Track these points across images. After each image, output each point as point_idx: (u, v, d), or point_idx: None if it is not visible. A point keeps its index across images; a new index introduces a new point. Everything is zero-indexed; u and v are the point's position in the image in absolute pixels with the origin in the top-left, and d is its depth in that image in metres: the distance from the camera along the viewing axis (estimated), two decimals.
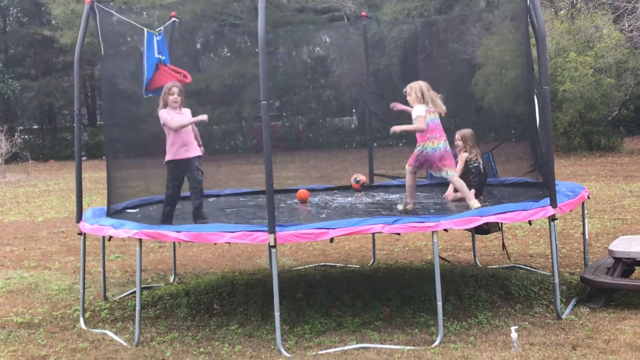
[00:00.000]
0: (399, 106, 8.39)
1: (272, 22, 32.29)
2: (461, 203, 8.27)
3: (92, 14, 8.04)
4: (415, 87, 8.03)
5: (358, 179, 10.25)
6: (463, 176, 8.55)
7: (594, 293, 7.77)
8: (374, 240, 10.61)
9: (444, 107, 8.01)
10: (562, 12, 30.90)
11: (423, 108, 7.84)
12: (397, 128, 7.86)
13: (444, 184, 8.80)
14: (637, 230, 11.66)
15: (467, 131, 9.00)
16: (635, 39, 28.81)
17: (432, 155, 7.88)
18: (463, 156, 8.83)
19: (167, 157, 7.95)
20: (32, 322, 7.99)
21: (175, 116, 7.92)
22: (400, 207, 8.06)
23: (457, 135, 8.98)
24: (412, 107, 8.00)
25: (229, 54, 40.19)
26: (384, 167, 10.66)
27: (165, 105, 8.01)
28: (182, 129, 7.90)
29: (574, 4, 32.57)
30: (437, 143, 7.88)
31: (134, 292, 8.28)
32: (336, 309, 7.80)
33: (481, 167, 8.87)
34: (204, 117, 8.11)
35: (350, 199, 9.52)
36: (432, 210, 8.03)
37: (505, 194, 8.96)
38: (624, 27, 29.01)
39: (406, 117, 8.27)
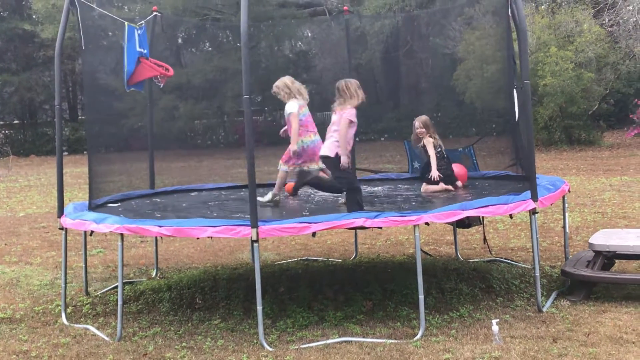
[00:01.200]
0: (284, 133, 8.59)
1: (254, 17, 32.17)
2: (441, 195, 8.33)
3: (72, 8, 7.99)
4: (280, 85, 8.10)
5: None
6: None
7: (575, 286, 7.83)
8: (356, 234, 10.63)
9: (307, 97, 8.11)
10: (542, 6, 30.98)
11: (295, 104, 7.90)
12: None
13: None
14: (617, 224, 11.75)
15: (426, 117, 9.04)
16: (615, 33, 28.97)
17: (313, 149, 7.94)
18: (430, 141, 8.87)
19: (332, 153, 7.61)
20: (13, 318, 7.96)
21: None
22: (265, 198, 8.24)
23: (417, 122, 8.98)
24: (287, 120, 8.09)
25: (210, 49, 40.02)
26: (366, 162, 10.69)
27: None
28: None
29: None
30: (313, 137, 7.98)
31: (116, 287, 8.26)
32: (318, 303, 7.81)
33: (444, 151, 8.95)
34: None
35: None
36: (413, 204, 8.06)
37: (486, 187, 9.01)
38: (604, 22, 29.15)
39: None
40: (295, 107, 7.98)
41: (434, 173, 8.62)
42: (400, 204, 8.09)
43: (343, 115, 7.46)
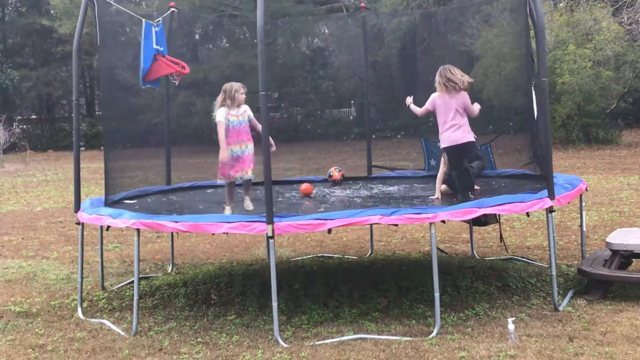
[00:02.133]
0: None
1: (271, 13, 32.21)
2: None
3: (90, 4, 8.02)
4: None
5: (331, 173, 10.20)
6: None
7: (591, 285, 7.79)
8: (371, 231, 10.62)
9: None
10: (561, 4, 30.87)
11: (223, 112, 7.89)
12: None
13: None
14: (635, 223, 11.68)
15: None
16: (634, 31, 28.80)
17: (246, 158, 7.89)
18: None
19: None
20: (30, 312, 8.00)
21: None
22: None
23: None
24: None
25: (227, 45, 40.07)
26: (382, 159, 10.68)
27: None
28: None
29: None
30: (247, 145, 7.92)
31: (132, 282, 8.29)
32: (333, 299, 7.81)
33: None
34: None
35: (348, 191, 9.52)
36: (429, 202, 8.03)
37: (503, 186, 8.97)
38: (622, 20, 29.00)
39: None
40: (223, 116, 7.95)
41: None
42: (415, 202, 8.07)
43: (465, 100, 7.91)
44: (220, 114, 7.90)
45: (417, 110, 8.36)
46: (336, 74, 37.55)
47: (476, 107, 8.05)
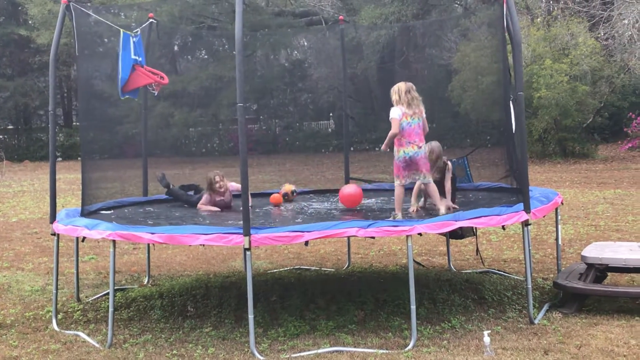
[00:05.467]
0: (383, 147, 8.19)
1: (250, 25, 32.24)
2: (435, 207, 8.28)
3: (68, 14, 8.00)
4: (393, 89, 7.98)
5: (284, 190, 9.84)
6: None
7: (567, 298, 7.83)
8: (349, 243, 10.63)
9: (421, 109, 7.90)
10: (538, 19, 31.09)
11: (398, 110, 7.73)
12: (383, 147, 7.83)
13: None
14: (610, 237, 11.76)
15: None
16: (610, 47, 29.06)
17: (417, 159, 7.75)
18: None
19: None
20: (4, 323, 7.93)
21: None
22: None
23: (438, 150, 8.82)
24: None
25: (206, 57, 40.09)
26: (360, 172, 10.66)
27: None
28: None
29: (550, 12, 32.82)
30: (416, 148, 7.75)
31: (108, 294, 8.24)
32: (310, 312, 7.80)
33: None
34: None
35: (326, 203, 9.52)
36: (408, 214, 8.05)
37: (479, 199, 9.01)
38: (599, 35, 29.25)
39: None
40: (398, 114, 7.85)
41: (450, 203, 8.42)
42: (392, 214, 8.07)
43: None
44: (396, 112, 7.73)
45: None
46: (315, 86, 37.67)
47: None
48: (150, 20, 9.72)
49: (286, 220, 8.33)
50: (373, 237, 6.94)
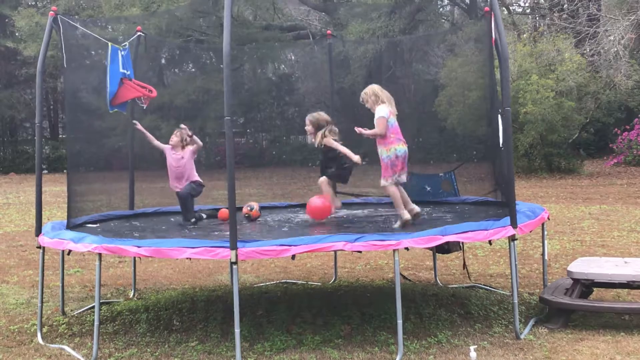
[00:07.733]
0: (364, 131, 8.24)
1: (238, 39, 32.28)
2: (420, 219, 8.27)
3: (55, 27, 7.99)
4: (369, 92, 8.05)
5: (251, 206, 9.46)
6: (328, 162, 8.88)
7: (553, 313, 7.85)
8: (335, 257, 10.62)
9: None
10: (524, 35, 31.26)
11: (385, 109, 7.81)
12: (363, 132, 7.90)
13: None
14: (596, 252, 11.79)
15: (316, 114, 9.05)
16: (596, 63, 29.24)
17: (405, 157, 7.87)
18: (331, 140, 8.82)
19: None
20: None
21: None
22: (396, 225, 7.97)
23: (309, 120, 8.99)
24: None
25: (193, 70, 40.07)
26: (347, 185, 10.64)
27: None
28: None
29: (537, 28, 33.00)
30: (404, 145, 7.90)
31: (93, 307, 8.20)
32: (297, 326, 7.79)
33: None
34: None
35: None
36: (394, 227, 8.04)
37: (466, 211, 9.02)
38: (585, 52, 29.44)
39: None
40: (386, 112, 7.88)
41: (356, 158, 8.52)
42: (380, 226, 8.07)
43: None
44: (383, 111, 7.76)
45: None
46: (302, 100, 37.66)
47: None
48: (138, 33, 9.72)
49: (273, 233, 8.30)
50: (360, 252, 6.94)
